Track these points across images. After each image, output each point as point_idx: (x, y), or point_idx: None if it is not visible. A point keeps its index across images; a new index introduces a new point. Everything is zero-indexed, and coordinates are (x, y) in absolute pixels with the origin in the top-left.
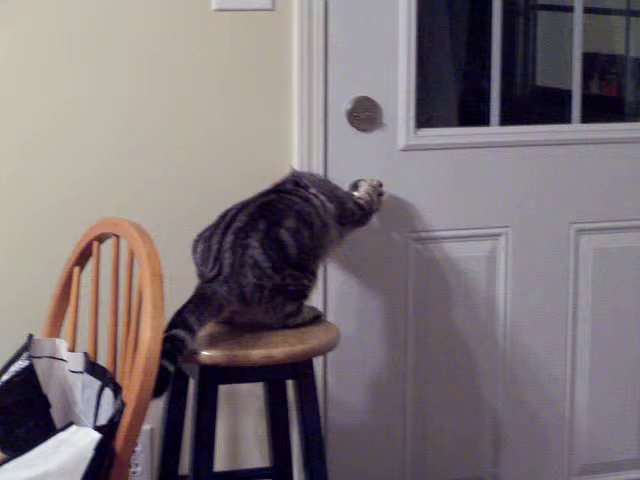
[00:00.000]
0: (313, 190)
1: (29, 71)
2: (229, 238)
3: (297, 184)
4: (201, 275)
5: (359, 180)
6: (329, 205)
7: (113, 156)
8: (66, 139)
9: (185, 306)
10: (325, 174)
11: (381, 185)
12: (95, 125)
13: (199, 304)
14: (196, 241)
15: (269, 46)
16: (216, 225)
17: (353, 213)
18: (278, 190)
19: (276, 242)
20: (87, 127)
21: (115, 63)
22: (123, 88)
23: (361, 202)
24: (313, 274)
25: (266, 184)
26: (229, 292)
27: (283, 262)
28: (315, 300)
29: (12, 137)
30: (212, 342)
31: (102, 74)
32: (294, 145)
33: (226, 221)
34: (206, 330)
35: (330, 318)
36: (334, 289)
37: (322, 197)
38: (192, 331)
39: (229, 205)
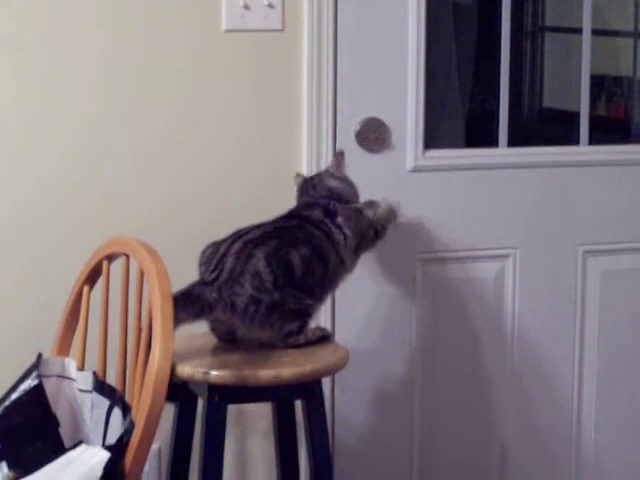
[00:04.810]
0: (340, 220)
1: (46, 94)
2: (237, 246)
3: (327, 213)
4: (201, 278)
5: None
6: (351, 239)
7: (123, 176)
8: (78, 160)
9: None
10: None
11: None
12: (106, 145)
13: (177, 302)
14: (207, 246)
15: (279, 67)
16: (229, 236)
17: (369, 241)
18: (302, 217)
19: (284, 260)
20: (98, 147)
21: (126, 85)
22: (132, 109)
23: (378, 227)
24: (319, 296)
25: (275, 205)
26: (218, 299)
27: (287, 281)
28: (323, 321)
29: (24, 161)
30: (221, 362)
31: (113, 95)
32: (303, 165)
33: (239, 233)
34: (215, 350)
35: (338, 338)
36: (342, 309)
37: (346, 230)
38: None
39: (237, 224)
